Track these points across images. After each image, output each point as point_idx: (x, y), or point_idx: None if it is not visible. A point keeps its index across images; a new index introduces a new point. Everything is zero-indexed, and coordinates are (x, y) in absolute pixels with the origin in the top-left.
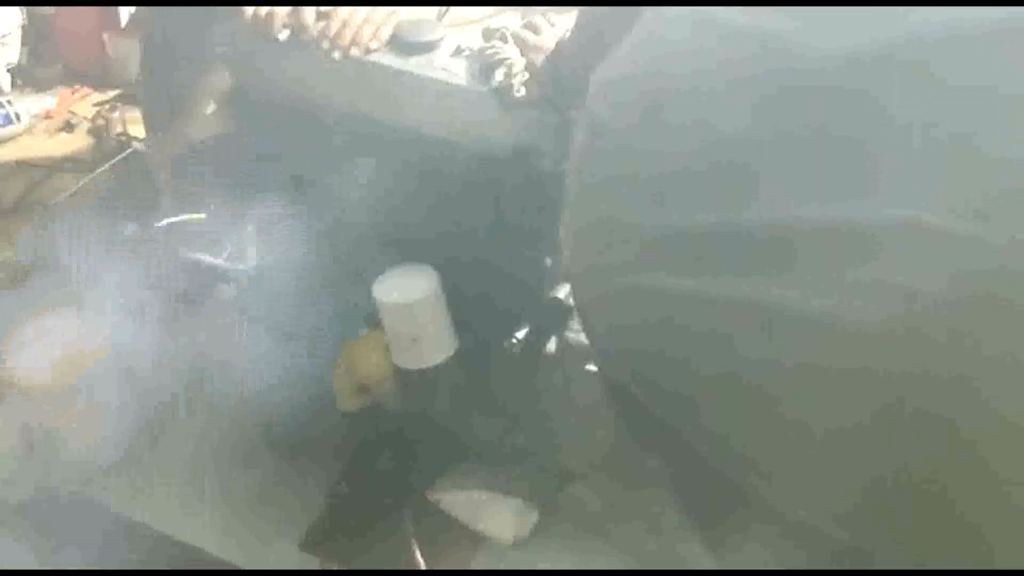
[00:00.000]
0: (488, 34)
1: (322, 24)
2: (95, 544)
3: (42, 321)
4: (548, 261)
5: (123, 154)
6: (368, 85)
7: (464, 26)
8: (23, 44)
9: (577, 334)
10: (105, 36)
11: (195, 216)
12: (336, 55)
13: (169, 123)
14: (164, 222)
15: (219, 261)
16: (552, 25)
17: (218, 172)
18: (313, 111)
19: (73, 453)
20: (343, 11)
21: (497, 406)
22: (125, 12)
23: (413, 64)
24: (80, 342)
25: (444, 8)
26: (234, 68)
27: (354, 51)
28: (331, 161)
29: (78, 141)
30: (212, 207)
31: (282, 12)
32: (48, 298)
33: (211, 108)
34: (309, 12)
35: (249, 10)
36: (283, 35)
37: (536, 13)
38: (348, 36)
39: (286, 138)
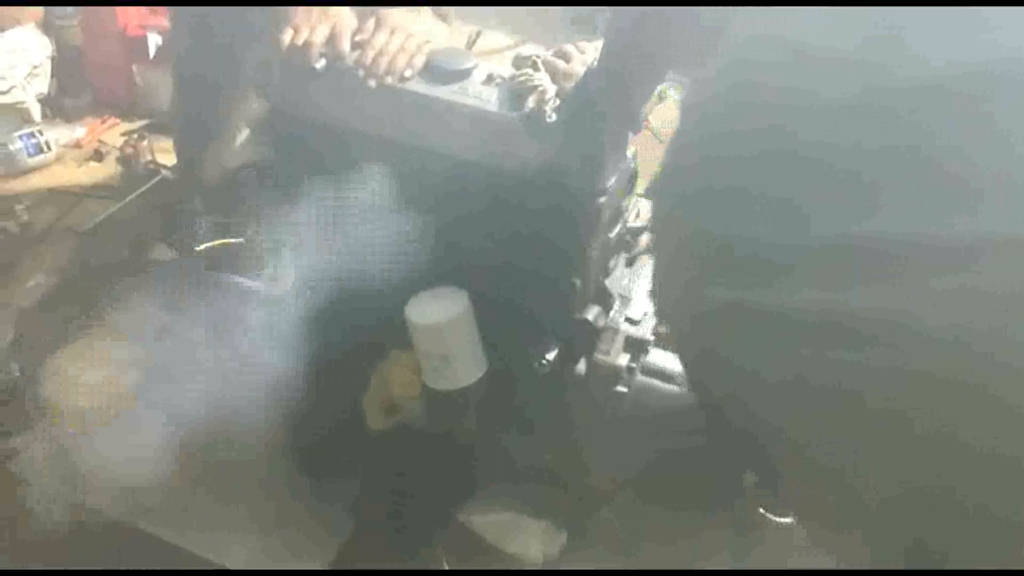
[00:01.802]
0: (519, 62)
1: (357, 53)
2: (126, 565)
3: (76, 346)
4: (577, 283)
5: (152, 182)
6: (402, 112)
7: (495, 55)
8: (53, 75)
9: (605, 355)
10: (134, 67)
11: (232, 240)
12: (371, 83)
13: (202, 151)
14: (202, 246)
15: (254, 284)
16: (582, 53)
17: (253, 198)
18: (347, 138)
19: (106, 476)
20: (378, 40)
21: (526, 427)
22: (153, 43)
23: (446, 92)
24: (114, 366)
25: (474, 38)
26: (269, 96)
27: (389, 79)
28: (365, 186)
29: (107, 169)
30: (248, 231)
31: (318, 41)
32: (82, 323)
33: (244, 135)
34: (345, 41)
35: (286, 39)
36: (319, 64)
37: (566, 42)
38: (383, 65)
39: (321, 165)
